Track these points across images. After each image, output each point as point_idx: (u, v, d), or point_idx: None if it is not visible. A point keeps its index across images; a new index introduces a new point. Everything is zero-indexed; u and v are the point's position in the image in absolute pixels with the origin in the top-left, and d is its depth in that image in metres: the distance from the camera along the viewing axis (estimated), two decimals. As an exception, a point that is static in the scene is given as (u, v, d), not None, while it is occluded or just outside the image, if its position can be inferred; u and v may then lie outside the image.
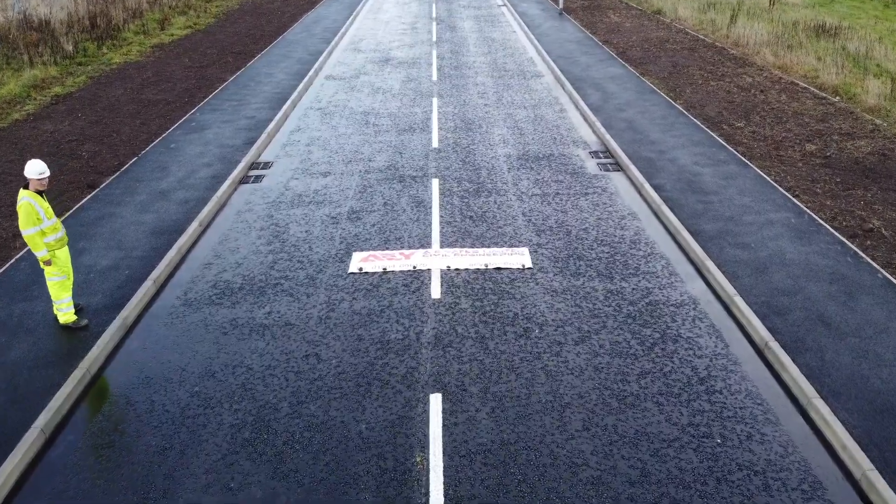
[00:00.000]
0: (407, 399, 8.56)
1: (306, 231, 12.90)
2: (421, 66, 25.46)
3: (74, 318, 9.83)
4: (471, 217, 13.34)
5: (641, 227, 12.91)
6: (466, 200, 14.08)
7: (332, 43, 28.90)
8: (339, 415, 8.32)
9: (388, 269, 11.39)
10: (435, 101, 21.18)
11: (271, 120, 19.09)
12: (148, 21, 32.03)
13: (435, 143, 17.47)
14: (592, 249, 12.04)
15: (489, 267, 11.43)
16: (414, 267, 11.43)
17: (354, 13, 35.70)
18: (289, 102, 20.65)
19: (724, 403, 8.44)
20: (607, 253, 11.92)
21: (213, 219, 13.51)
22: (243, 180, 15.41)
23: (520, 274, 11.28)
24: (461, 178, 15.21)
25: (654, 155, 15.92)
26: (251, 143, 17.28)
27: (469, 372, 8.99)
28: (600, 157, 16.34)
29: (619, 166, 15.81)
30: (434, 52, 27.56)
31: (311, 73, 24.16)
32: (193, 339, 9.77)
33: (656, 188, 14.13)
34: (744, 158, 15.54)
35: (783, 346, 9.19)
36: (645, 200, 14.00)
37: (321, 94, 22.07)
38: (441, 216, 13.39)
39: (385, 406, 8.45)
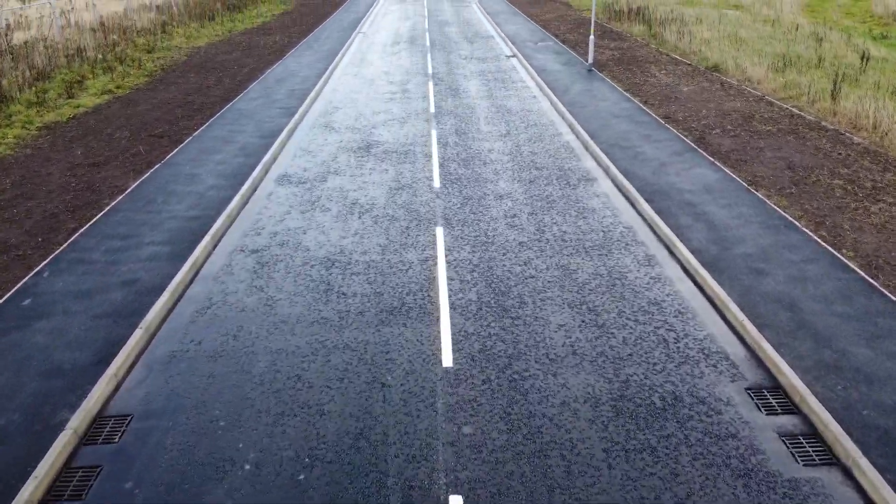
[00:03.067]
0: None
1: None
2: (416, 159, 17.63)
3: None
4: None
5: None
6: None
7: (298, 115, 21.07)
8: None
9: None
10: (440, 235, 13.28)
11: (163, 289, 11.10)
12: (55, 84, 24.08)
13: (447, 359, 9.50)
14: None
15: None
16: None
17: (331, 67, 27.91)
18: (205, 241, 12.69)
19: None
20: None
21: None
22: (53, 491, 7.31)
23: None
24: (507, 489, 7.19)
25: (888, 422, 7.97)
26: (107, 359, 9.28)
27: None
28: (774, 409, 8.33)
29: (829, 453, 7.75)
30: (434, 134, 19.75)
31: (256, 172, 16.27)
32: None
33: (967, 563, 6.18)
34: None
35: None
36: None
37: (263, 218, 14.15)
38: None
39: None
